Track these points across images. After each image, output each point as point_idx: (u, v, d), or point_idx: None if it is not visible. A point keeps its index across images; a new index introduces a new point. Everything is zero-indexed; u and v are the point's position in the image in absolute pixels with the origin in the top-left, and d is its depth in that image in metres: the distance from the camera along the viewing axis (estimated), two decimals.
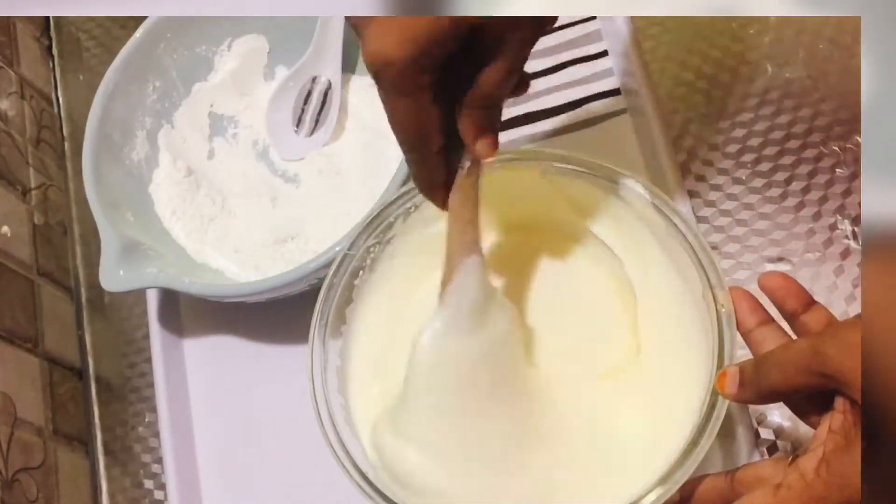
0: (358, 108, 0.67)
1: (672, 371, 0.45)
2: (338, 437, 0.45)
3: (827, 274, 0.56)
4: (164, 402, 0.61)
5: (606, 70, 0.64)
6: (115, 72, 0.63)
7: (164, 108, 0.66)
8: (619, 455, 0.44)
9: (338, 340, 0.49)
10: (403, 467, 0.44)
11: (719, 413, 0.40)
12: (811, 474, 0.35)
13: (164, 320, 0.64)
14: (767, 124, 0.60)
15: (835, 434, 0.35)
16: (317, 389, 0.47)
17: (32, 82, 0.76)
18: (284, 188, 0.66)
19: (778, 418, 0.53)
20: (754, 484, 0.40)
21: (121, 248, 0.57)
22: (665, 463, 0.41)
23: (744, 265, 0.57)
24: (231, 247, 0.63)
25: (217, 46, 0.67)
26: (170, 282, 0.57)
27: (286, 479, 0.59)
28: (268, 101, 0.67)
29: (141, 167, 0.64)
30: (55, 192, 0.74)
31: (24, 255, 0.66)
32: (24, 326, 0.64)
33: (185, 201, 0.64)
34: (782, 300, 0.41)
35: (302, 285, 0.55)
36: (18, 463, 0.58)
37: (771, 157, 0.59)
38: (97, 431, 0.67)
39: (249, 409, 0.62)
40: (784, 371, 0.37)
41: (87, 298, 0.71)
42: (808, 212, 0.58)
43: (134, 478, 0.64)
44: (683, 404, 0.43)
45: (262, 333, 0.63)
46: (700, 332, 0.44)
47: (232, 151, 0.68)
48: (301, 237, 0.63)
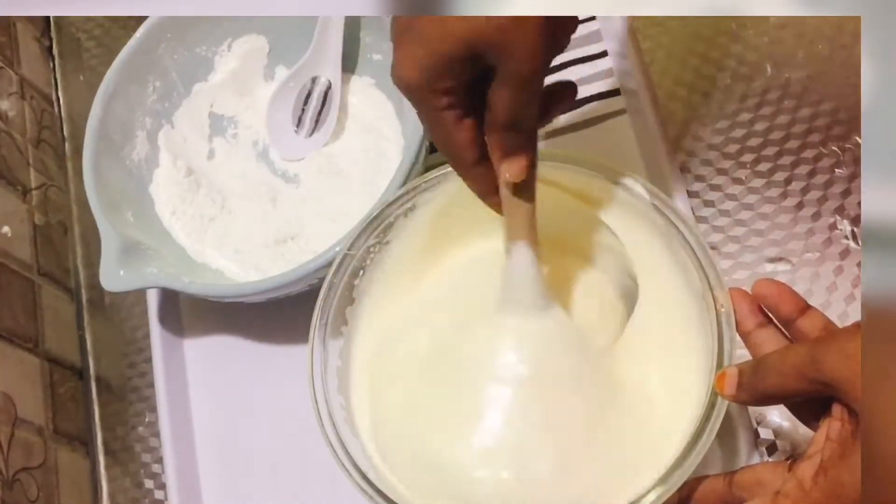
0: (358, 108, 0.67)
1: (672, 371, 0.45)
2: (338, 437, 0.45)
3: (826, 274, 0.56)
4: (164, 402, 0.61)
5: (606, 70, 0.64)
6: (115, 72, 0.63)
7: (164, 108, 0.66)
8: (619, 454, 0.44)
9: (338, 340, 0.49)
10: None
11: (719, 413, 0.40)
12: (809, 482, 0.35)
13: (164, 320, 0.64)
14: (767, 124, 0.60)
15: (832, 442, 0.35)
16: (317, 389, 0.47)
17: (32, 82, 0.76)
18: (284, 188, 0.66)
19: (777, 419, 0.53)
20: (753, 487, 0.40)
21: (121, 248, 0.57)
22: (665, 463, 0.41)
23: (744, 265, 0.57)
24: (231, 247, 0.63)
25: (217, 46, 0.67)
26: (170, 282, 0.57)
27: (286, 479, 0.60)
28: (268, 101, 0.67)
29: (141, 167, 0.64)
30: (55, 192, 0.74)
31: (24, 255, 0.66)
32: (25, 326, 0.64)
33: (185, 201, 0.64)
34: (776, 307, 0.41)
35: (302, 285, 0.55)
36: (19, 463, 0.58)
37: (770, 157, 0.59)
38: (97, 431, 0.67)
39: (249, 409, 0.62)
40: (782, 376, 0.37)
41: (88, 298, 0.71)
42: (808, 212, 0.58)
43: (134, 478, 0.65)
44: (683, 405, 0.43)
45: (262, 333, 0.63)
46: (700, 332, 0.44)
47: (232, 151, 0.68)
48: (301, 237, 0.63)
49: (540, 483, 0.44)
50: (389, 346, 0.50)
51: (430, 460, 0.46)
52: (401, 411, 0.48)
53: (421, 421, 0.47)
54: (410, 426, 0.47)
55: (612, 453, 0.44)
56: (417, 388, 0.48)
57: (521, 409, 0.45)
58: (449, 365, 0.48)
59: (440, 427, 0.46)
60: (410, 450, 0.47)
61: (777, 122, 0.60)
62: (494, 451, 0.45)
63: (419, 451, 0.46)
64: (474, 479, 0.44)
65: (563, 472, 0.44)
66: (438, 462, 0.45)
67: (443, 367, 0.48)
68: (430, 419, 0.47)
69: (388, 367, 0.50)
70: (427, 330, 0.50)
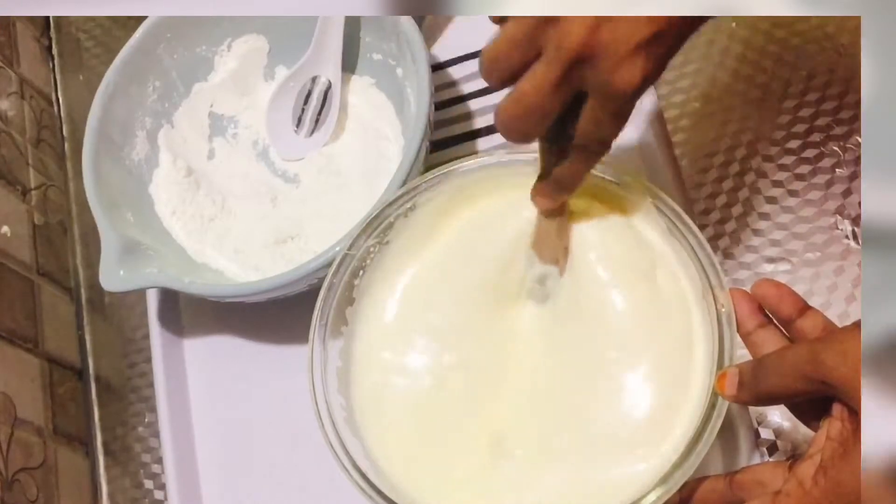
0: (358, 108, 0.67)
1: (672, 371, 0.45)
2: (338, 437, 0.45)
3: (827, 274, 0.56)
4: (164, 402, 0.61)
5: None
6: (115, 72, 0.62)
7: (164, 108, 0.66)
8: (620, 454, 0.44)
9: (338, 340, 0.49)
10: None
11: (719, 413, 0.40)
12: (809, 482, 0.35)
13: (164, 320, 0.64)
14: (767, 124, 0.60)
15: (833, 442, 0.35)
16: (317, 389, 0.47)
17: (32, 82, 0.76)
18: (284, 188, 0.66)
19: (778, 419, 0.53)
20: (753, 488, 0.40)
21: (121, 248, 0.57)
22: (665, 463, 0.41)
23: (744, 265, 0.57)
24: (231, 247, 0.63)
25: (217, 46, 0.67)
26: (170, 282, 0.57)
27: (286, 479, 0.59)
28: (268, 101, 0.67)
29: (141, 167, 0.64)
30: (55, 192, 0.74)
31: (24, 255, 0.66)
32: (24, 326, 0.64)
33: (185, 201, 0.64)
34: (776, 307, 0.41)
35: (302, 285, 0.55)
36: (18, 463, 0.58)
37: (771, 156, 0.59)
38: (97, 431, 0.67)
39: (249, 409, 0.62)
40: (782, 376, 0.37)
41: (87, 298, 0.71)
42: (808, 212, 0.58)
43: (134, 478, 0.65)
44: (684, 404, 0.43)
45: (262, 333, 0.63)
46: (700, 332, 0.44)
47: (232, 151, 0.68)
48: (301, 237, 0.63)
49: (539, 481, 0.44)
50: (390, 346, 0.50)
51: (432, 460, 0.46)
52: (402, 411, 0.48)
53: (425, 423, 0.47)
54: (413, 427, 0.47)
55: (612, 453, 0.44)
56: (420, 390, 0.48)
57: (526, 407, 0.45)
58: (452, 365, 0.48)
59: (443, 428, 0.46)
60: (412, 451, 0.47)
61: (777, 121, 0.60)
62: (495, 451, 0.45)
63: (420, 453, 0.46)
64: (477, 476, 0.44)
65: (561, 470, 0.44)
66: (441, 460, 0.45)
67: (446, 366, 0.48)
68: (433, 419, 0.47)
69: (389, 367, 0.49)
70: (428, 331, 0.50)
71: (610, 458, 0.44)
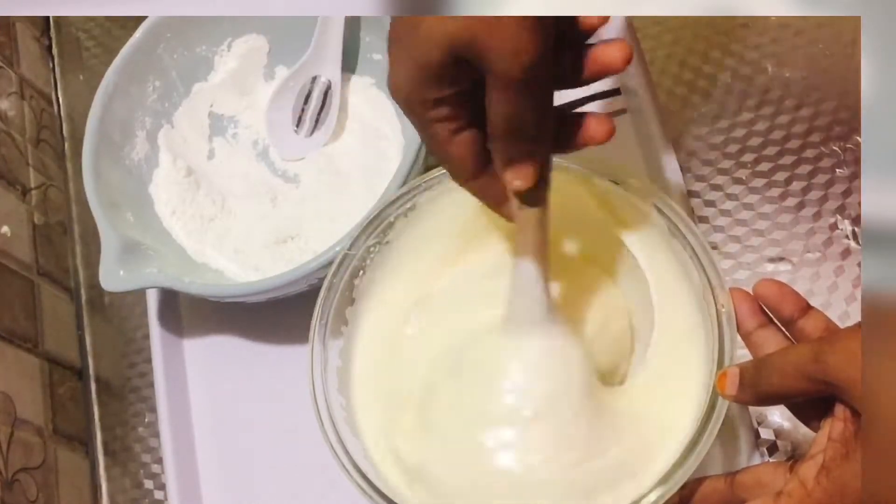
0: (358, 108, 0.67)
1: (672, 371, 0.45)
2: (338, 437, 0.45)
3: (827, 274, 0.56)
4: (164, 402, 0.61)
5: None
6: (115, 72, 0.62)
7: (164, 108, 0.66)
8: (620, 454, 0.44)
9: (338, 340, 0.49)
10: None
11: (719, 413, 0.40)
12: (811, 482, 0.35)
13: (164, 320, 0.64)
14: (767, 124, 0.60)
15: (834, 442, 0.35)
16: (317, 389, 0.47)
17: (32, 82, 0.76)
18: (284, 188, 0.66)
19: (778, 419, 0.53)
20: (754, 488, 0.40)
21: (121, 248, 0.57)
22: (665, 463, 0.41)
23: (744, 265, 0.57)
24: (231, 247, 0.63)
25: (217, 46, 0.67)
26: (170, 282, 0.57)
27: (286, 479, 0.59)
28: (268, 101, 0.67)
29: (141, 167, 0.64)
30: (55, 192, 0.74)
31: (24, 255, 0.66)
32: (24, 326, 0.64)
33: (185, 201, 0.64)
34: (777, 307, 0.41)
35: (302, 285, 0.55)
36: (18, 463, 0.58)
37: (771, 157, 0.59)
38: (97, 431, 0.67)
39: (249, 409, 0.62)
40: (783, 376, 0.37)
41: (87, 298, 0.71)
42: (808, 212, 0.58)
43: (134, 478, 0.64)
44: (684, 404, 0.43)
45: (262, 333, 0.63)
46: (701, 333, 0.44)
47: (232, 151, 0.68)
48: (301, 237, 0.63)
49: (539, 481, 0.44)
50: (390, 346, 0.50)
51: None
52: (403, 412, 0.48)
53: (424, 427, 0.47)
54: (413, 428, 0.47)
55: (612, 452, 0.44)
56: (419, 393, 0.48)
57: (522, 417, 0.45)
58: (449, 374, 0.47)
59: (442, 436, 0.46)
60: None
61: (778, 121, 0.60)
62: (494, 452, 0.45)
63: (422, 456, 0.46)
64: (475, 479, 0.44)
65: (562, 469, 0.44)
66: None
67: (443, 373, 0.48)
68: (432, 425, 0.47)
69: (389, 367, 0.49)
70: (428, 331, 0.50)
71: (610, 457, 0.44)
